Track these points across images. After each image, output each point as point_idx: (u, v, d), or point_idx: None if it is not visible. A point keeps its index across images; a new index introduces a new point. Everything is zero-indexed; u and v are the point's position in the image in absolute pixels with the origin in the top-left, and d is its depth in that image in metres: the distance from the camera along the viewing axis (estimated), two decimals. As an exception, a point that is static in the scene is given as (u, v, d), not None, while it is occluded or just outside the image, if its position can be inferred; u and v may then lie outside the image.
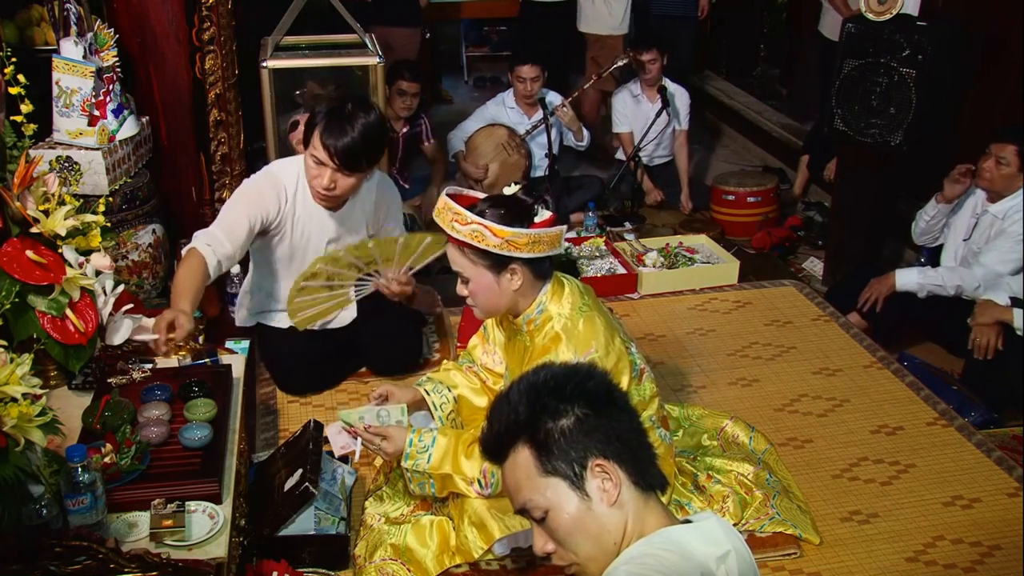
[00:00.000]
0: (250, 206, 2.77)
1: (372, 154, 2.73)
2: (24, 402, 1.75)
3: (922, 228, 3.66)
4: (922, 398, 3.16)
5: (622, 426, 1.35)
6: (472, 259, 2.16)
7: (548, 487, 1.33)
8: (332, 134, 2.65)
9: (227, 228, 2.74)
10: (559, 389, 1.35)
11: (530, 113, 4.86)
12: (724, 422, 2.84)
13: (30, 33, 3.21)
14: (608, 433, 1.33)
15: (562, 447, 1.32)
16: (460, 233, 2.12)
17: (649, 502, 1.35)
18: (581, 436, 1.32)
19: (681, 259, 4.07)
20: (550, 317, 2.21)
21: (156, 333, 2.33)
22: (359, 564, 2.32)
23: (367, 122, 2.66)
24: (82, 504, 1.82)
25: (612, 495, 1.33)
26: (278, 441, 2.85)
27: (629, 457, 1.34)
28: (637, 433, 1.37)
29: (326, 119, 2.67)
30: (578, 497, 1.33)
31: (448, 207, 2.14)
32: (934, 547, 2.49)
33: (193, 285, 2.56)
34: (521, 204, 2.17)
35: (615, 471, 1.33)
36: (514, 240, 2.10)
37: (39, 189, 2.26)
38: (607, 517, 1.33)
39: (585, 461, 1.32)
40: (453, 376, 2.57)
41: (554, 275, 2.27)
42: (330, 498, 2.40)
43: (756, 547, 2.42)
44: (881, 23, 3.56)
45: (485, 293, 2.21)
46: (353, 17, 3.72)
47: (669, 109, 4.81)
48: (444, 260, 2.33)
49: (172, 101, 3.42)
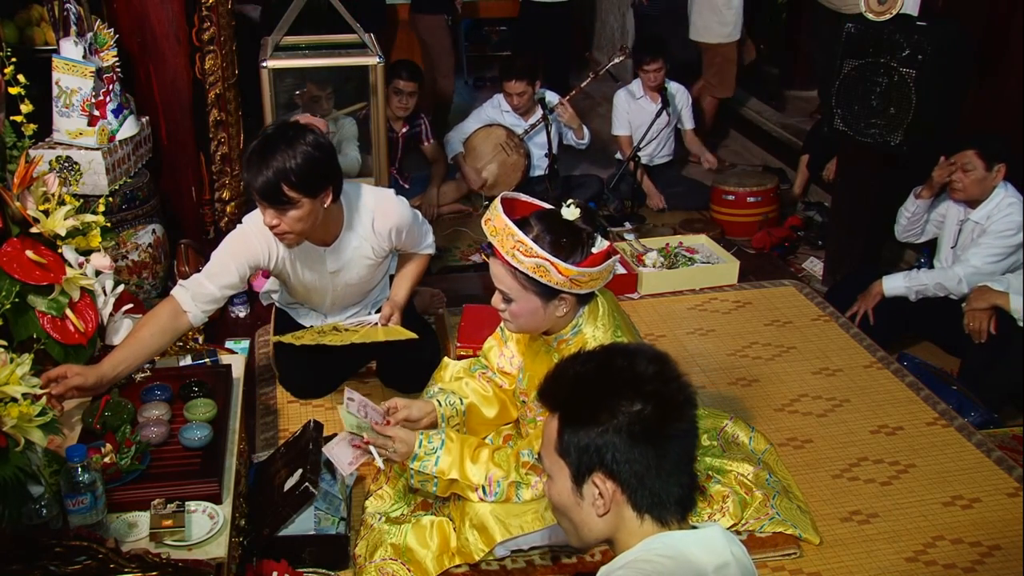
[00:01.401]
0: (238, 254, 2.65)
1: (298, 182, 2.44)
2: (24, 402, 1.75)
3: (903, 225, 3.71)
4: (922, 398, 3.16)
5: (648, 461, 1.33)
6: (523, 284, 2.10)
7: (556, 463, 1.39)
8: (248, 168, 2.47)
9: (212, 274, 2.61)
10: (614, 396, 1.34)
11: (526, 116, 4.87)
12: (724, 422, 2.84)
13: (30, 33, 3.21)
14: (628, 460, 1.32)
15: (579, 447, 1.34)
16: (522, 264, 2.03)
17: (645, 524, 1.36)
18: (599, 449, 1.33)
19: (681, 259, 4.07)
20: (584, 340, 2.19)
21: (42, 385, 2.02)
22: (359, 564, 2.32)
23: (288, 152, 2.42)
24: (82, 504, 1.82)
25: (600, 509, 1.36)
26: (278, 441, 2.85)
27: (637, 487, 1.34)
28: (664, 471, 1.34)
29: (246, 156, 2.50)
30: (572, 490, 1.38)
31: (510, 233, 2.04)
32: (934, 547, 2.49)
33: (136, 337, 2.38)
34: (579, 233, 2.09)
35: (613, 492, 1.34)
36: (578, 279, 2.05)
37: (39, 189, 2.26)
38: (592, 520, 1.38)
39: (591, 470, 1.35)
40: (464, 386, 2.54)
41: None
42: (330, 498, 2.40)
43: (756, 547, 2.42)
44: (881, 23, 3.56)
45: (529, 316, 2.16)
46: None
47: (669, 109, 4.81)
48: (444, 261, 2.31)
49: (172, 101, 3.42)
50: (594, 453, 1.33)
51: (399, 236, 2.85)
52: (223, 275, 2.61)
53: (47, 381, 2.11)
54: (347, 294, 2.98)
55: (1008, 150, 3.36)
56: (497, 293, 2.17)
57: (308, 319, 3.10)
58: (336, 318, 3.04)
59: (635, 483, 1.33)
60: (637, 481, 1.33)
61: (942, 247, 3.61)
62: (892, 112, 3.58)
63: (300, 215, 2.51)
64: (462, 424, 2.49)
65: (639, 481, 1.33)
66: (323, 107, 3.76)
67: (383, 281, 3.11)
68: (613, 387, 1.35)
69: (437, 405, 2.44)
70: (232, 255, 2.64)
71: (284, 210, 2.49)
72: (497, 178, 4.81)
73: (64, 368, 2.20)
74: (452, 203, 4.89)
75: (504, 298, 2.16)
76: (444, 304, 3.71)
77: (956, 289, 3.39)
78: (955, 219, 3.54)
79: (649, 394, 1.33)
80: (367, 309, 3.11)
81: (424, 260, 3.06)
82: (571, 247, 2.07)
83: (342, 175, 2.64)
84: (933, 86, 3.47)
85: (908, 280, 3.49)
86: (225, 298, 2.65)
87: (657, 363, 1.37)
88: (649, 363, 1.37)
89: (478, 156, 4.84)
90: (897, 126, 3.58)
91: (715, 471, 2.58)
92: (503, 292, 2.15)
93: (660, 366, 1.37)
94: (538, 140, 4.86)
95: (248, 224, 2.70)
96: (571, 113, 4.82)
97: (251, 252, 2.67)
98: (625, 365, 1.37)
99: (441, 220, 4.74)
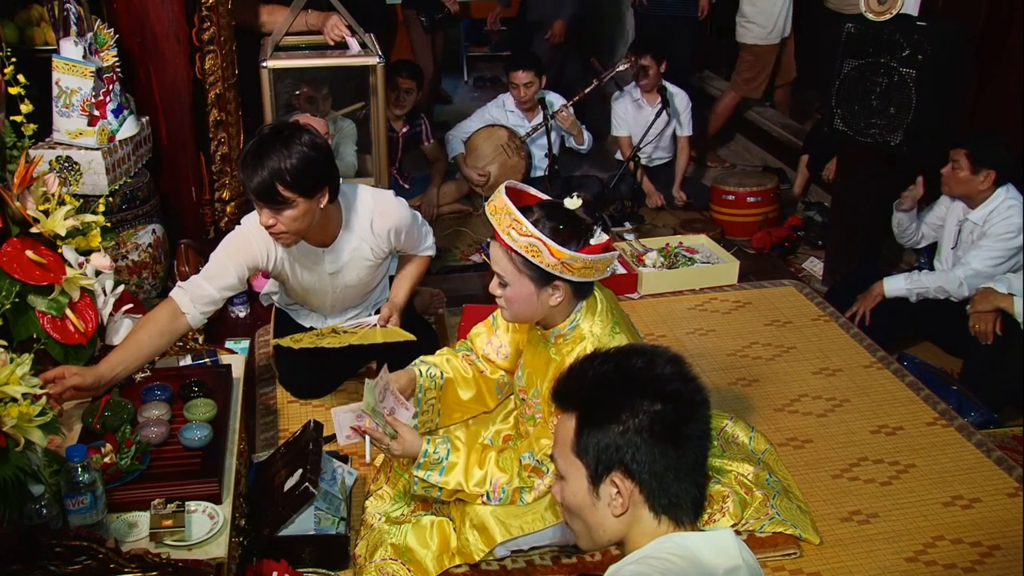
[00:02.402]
0: (236, 256, 2.65)
1: (293, 182, 2.45)
2: (24, 402, 1.75)
3: (897, 233, 3.81)
4: (922, 398, 3.16)
5: (667, 460, 1.33)
6: (518, 267, 2.12)
7: (572, 463, 1.37)
8: (244, 168, 2.49)
9: (211, 275, 2.60)
10: (634, 395, 1.33)
11: (530, 116, 4.86)
12: (724, 422, 2.84)
13: (30, 33, 3.21)
14: (648, 460, 1.32)
15: (598, 448, 1.34)
16: (515, 243, 2.06)
17: (661, 524, 1.35)
18: (620, 449, 1.32)
19: (681, 259, 4.07)
20: (582, 336, 2.20)
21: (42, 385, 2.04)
22: (359, 564, 2.32)
23: (284, 152, 2.43)
24: (82, 504, 1.82)
25: (617, 509, 1.35)
26: (278, 441, 2.85)
27: (656, 487, 1.33)
28: (682, 471, 1.34)
29: (241, 157, 2.52)
30: (589, 490, 1.36)
31: (508, 211, 2.07)
32: (934, 547, 2.49)
33: (133, 339, 2.38)
34: (579, 223, 2.11)
35: (631, 492, 1.34)
36: (570, 263, 2.06)
37: (39, 189, 2.26)
38: (608, 521, 1.36)
39: (610, 469, 1.34)
40: (446, 362, 2.55)
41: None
42: (330, 498, 2.40)
43: (756, 547, 2.42)
44: (881, 23, 3.56)
45: (522, 302, 2.17)
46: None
47: (669, 109, 4.81)
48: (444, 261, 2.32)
49: (172, 101, 3.42)
50: (614, 452, 1.32)
51: (398, 237, 2.85)
52: (221, 276, 2.61)
53: (45, 381, 2.10)
54: (346, 296, 2.98)
55: (1002, 158, 3.35)
56: (495, 278, 2.19)
57: (308, 320, 3.10)
58: (336, 320, 3.04)
59: (654, 483, 1.33)
60: (656, 481, 1.33)
61: (942, 248, 3.62)
62: (892, 112, 3.58)
63: (296, 215, 2.51)
64: (438, 399, 2.51)
65: (658, 481, 1.33)
66: (321, 107, 3.75)
67: (383, 283, 3.11)
68: (634, 386, 1.34)
69: (418, 375, 2.47)
70: (230, 256, 2.64)
71: (280, 210, 2.49)
72: (497, 179, 4.80)
73: (62, 369, 2.20)
74: (452, 203, 4.89)
75: (500, 282, 2.18)
76: (444, 304, 3.71)
77: (956, 292, 3.40)
78: (955, 220, 3.54)
79: (669, 394, 1.34)
80: (367, 311, 3.11)
81: (424, 262, 3.06)
82: (568, 234, 2.08)
83: (339, 175, 2.64)
84: (933, 86, 3.47)
85: (909, 282, 3.50)
86: (224, 299, 2.65)
87: (675, 364, 1.38)
88: (667, 363, 1.38)
89: (479, 156, 4.84)
90: (897, 126, 3.58)
91: (715, 471, 2.58)
92: (499, 276, 2.17)
93: (678, 367, 1.38)
94: (539, 141, 4.87)
95: (246, 225, 2.70)
96: (572, 120, 4.81)
97: (249, 253, 2.67)
98: (644, 365, 1.37)
99: (441, 220, 4.74)
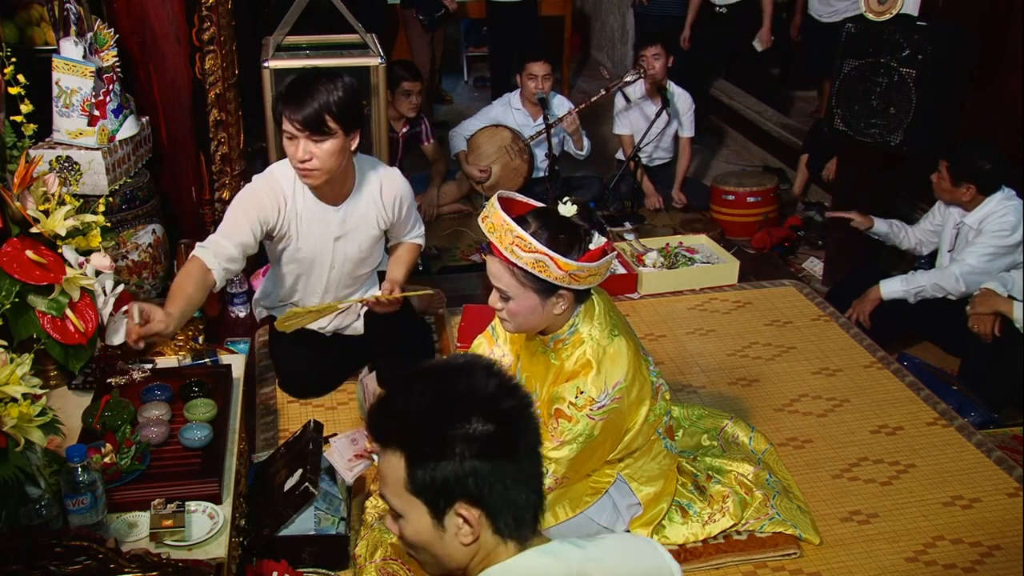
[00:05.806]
0: (249, 211, 2.72)
1: (339, 113, 2.59)
2: (24, 402, 1.75)
3: (891, 244, 3.87)
4: (922, 398, 3.16)
5: (509, 475, 1.25)
6: (522, 281, 2.09)
7: (409, 502, 1.27)
8: (291, 99, 2.59)
9: (227, 232, 2.69)
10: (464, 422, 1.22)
11: (536, 115, 4.82)
12: (724, 422, 2.84)
13: (30, 33, 3.21)
14: (491, 481, 1.23)
15: (437, 483, 1.23)
16: (521, 260, 2.03)
17: (509, 545, 1.28)
18: (460, 479, 1.23)
19: (681, 259, 4.07)
20: (581, 340, 2.19)
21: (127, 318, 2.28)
22: (359, 564, 2.32)
23: (330, 85, 2.59)
24: (82, 504, 1.82)
25: (467, 538, 1.26)
26: (278, 441, 2.85)
27: (501, 508, 1.26)
28: (522, 481, 1.27)
29: (286, 90, 2.63)
30: (433, 525, 1.27)
31: (509, 228, 2.03)
32: (934, 547, 2.49)
33: (184, 292, 2.50)
34: (576, 229, 2.09)
35: (479, 520, 1.25)
36: (577, 274, 2.05)
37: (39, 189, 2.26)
38: (455, 550, 1.28)
39: (453, 501, 1.25)
40: None
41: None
42: (330, 498, 2.40)
43: (756, 547, 2.43)
44: (881, 23, 3.57)
45: (527, 314, 2.14)
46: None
47: (669, 109, 4.81)
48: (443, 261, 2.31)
49: (172, 101, 3.42)
50: (454, 484, 1.22)
51: (400, 209, 2.92)
52: (237, 233, 2.68)
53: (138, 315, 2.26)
54: (343, 273, 2.96)
55: (981, 172, 3.34)
56: (494, 292, 2.16)
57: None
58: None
59: (500, 504, 1.25)
60: (502, 502, 1.25)
61: (940, 252, 3.63)
62: (892, 112, 3.58)
63: (333, 149, 2.62)
64: None
65: (504, 501, 1.25)
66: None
67: (372, 276, 3.09)
68: (461, 413, 1.24)
69: None
70: (244, 211, 2.72)
71: (321, 140, 2.60)
72: (498, 179, 4.80)
73: (149, 309, 2.31)
74: (452, 203, 4.89)
75: (502, 296, 2.14)
76: (444, 304, 3.71)
77: (953, 288, 3.40)
78: (951, 223, 3.55)
79: (500, 414, 1.25)
80: (361, 295, 3.10)
81: (414, 248, 3.07)
82: (569, 243, 2.07)
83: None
84: (933, 86, 3.47)
85: (905, 284, 3.51)
86: (242, 259, 2.71)
87: (496, 376, 1.29)
88: (488, 377, 1.28)
89: (481, 156, 4.83)
90: (897, 126, 3.58)
91: (715, 471, 2.58)
92: (501, 290, 2.13)
93: (499, 378, 1.29)
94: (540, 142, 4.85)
95: (258, 182, 2.78)
96: (577, 125, 4.77)
97: (262, 208, 2.73)
98: (466, 387, 1.26)
99: (441, 220, 4.74)
